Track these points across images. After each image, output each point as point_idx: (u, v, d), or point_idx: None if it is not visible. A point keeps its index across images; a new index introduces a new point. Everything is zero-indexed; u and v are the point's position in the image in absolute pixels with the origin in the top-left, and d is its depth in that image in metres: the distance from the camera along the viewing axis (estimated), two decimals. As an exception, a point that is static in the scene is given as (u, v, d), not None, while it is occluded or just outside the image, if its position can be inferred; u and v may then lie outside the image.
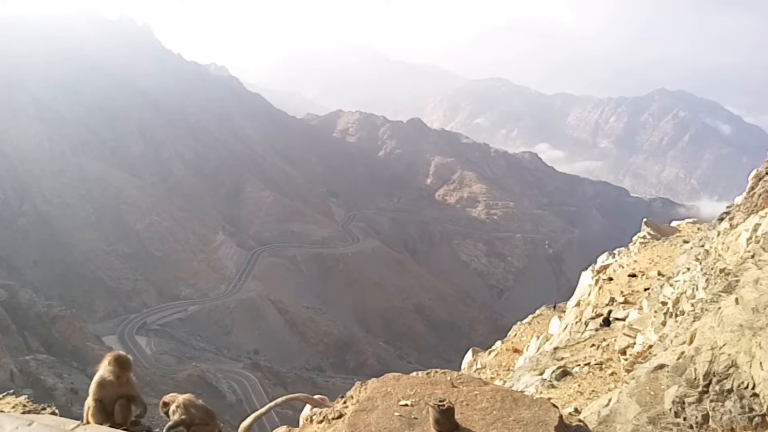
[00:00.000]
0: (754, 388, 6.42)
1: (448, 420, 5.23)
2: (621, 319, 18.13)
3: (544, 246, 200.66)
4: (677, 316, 13.02)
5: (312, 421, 6.30)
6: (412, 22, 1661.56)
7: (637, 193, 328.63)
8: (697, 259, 14.50)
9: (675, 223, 30.77)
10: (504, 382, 18.92)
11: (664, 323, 13.52)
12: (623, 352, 14.55)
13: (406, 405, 5.73)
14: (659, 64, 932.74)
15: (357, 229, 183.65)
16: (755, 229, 11.48)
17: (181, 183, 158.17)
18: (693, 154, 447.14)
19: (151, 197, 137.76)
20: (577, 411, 10.34)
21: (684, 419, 7.11)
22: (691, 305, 12.24)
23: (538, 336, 26.49)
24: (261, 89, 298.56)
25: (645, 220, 30.61)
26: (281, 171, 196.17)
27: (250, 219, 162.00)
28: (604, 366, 15.17)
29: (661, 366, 8.60)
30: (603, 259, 28.61)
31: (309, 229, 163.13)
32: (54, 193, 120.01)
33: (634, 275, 22.73)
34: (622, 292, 21.17)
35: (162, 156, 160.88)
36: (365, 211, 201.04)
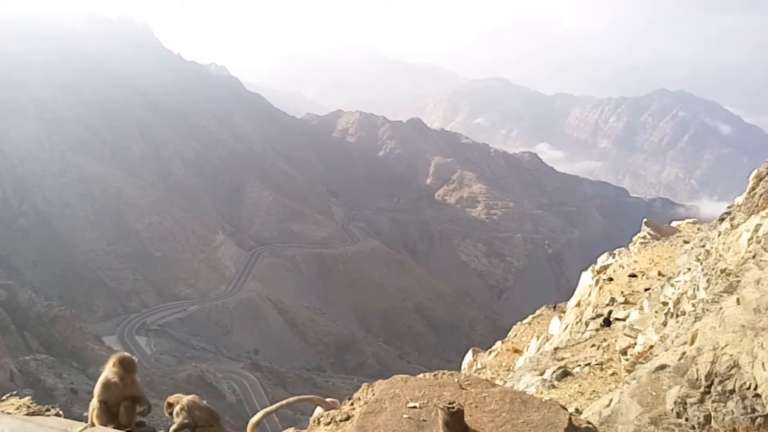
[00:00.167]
0: (756, 388, 6.41)
1: (457, 422, 5.16)
2: (621, 320, 18.12)
3: (543, 246, 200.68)
4: (678, 316, 13.01)
5: (320, 423, 6.26)
6: (412, 22, 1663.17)
7: (637, 194, 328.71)
8: (698, 260, 14.49)
9: (675, 224, 30.75)
10: (504, 382, 18.90)
11: (665, 323, 13.51)
12: (624, 352, 14.54)
13: (414, 407, 5.69)
14: (659, 64, 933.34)
15: (357, 229, 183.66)
16: (756, 230, 11.48)
17: (181, 183, 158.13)
18: (693, 154, 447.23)
19: (151, 197, 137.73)
20: (578, 411, 10.32)
21: (686, 420, 7.10)
22: (692, 305, 12.23)
23: (538, 336, 26.48)
24: (261, 89, 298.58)
25: (645, 220, 30.60)
26: (281, 171, 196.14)
27: (250, 219, 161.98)
28: (604, 366, 15.17)
29: (663, 366, 8.59)
30: (603, 260, 28.60)
31: (309, 229, 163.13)
32: (54, 193, 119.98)
33: (634, 275, 22.72)
34: (622, 292, 21.16)
35: (162, 156, 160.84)
36: (365, 211, 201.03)
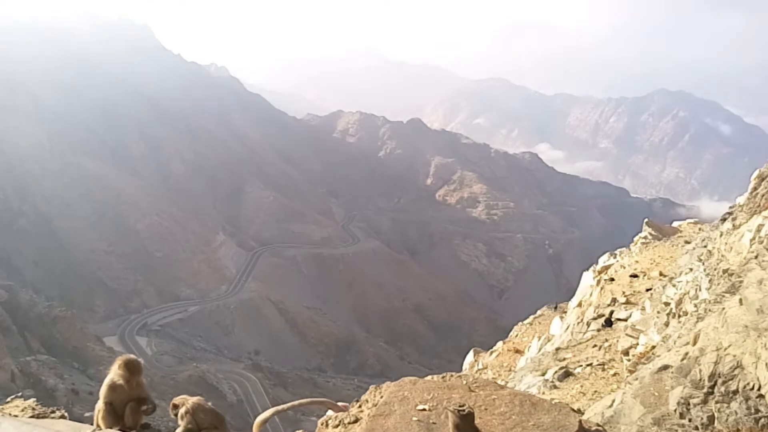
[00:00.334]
0: (759, 389, 6.41)
1: (468, 425, 5.12)
2: (623, 320, 18.09)
3: (544, 246, 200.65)
4: (680, 316, 12.99)
5: (328, 426, 6.24)
6: (411, 23, 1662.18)
7: (638, 194, 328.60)
8: (700, 260, 14.48)
9: (676, 224, 30.69)
10: (506, 382, 18.87)
11: (667, 324, 13.49)
12: (626, 352, 14.52)
13: (424, 410, 5.67)
14: (659, 64, 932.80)
15: (357, 230, 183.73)
16: (759, 230, 11.46)
17: (181, 183, 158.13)
18: (693, 154, 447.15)
19: (151, 197, 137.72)
20: (580, 412, 10.30)
21: (689, 420, 7.09)
22: (695, 306, 12.22)
23: (539, 336, 26.45)
24: (261, 90, 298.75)
25: (646, 220, 30.56)
26: (281, 171, 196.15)
27: (250, 219, 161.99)
28: (606, 367, 15.15)
29: (665, 367, 8.58)
30: (604, 260, 28.56)
31: (309, 230, 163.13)
32: (54, 193, 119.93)
33: (635, 275, 22.68)
34: (623, 292, 21.12)
35: (162, 156, 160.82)
36: (365, 212, 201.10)
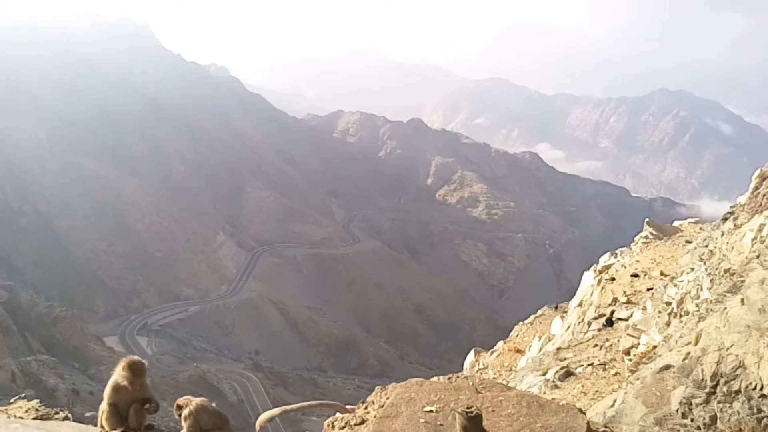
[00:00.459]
0: (762, 389, 6.38)
1: (476, 427, 5.10)
2: (624, 320, 18.07)
3: (544, 246, 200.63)
4: (682, 316, 12.97)
5: (334, 427, 6.23)
6: (411, 23, 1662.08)
7: (638, 193, 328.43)
8: (701, 260, 14.45)
9: (677, 223, 30.65)
10: (507, 382, 18.88)
11: (668, 323, 13.47)
12: (627, 352, 14.50)
13: (431, 411, 5.65)
14: (659, 64, 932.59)
15: (357, 230, 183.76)
16: (760, 229, 11.44)
17: (181, 183, 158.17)
18: (693, 153, 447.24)
19: (151, 197, 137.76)
20: (582, 412, 10.29)
21: (691, 420, 7.07)
22: (696, 305, 12.20)
23: (540, 336, 26.44)
24: (261, 90, 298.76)
25: (647, 219, 30.54)
26: (281, 171, 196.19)
27: (250, 219, 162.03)
28: (607, 366, 15.13)
29: (667, 367, 8.56)
30: (605, 259, 28.53)
31: (309, 230, 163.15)
32: (54, 193, 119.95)
33: (636, 275, 22.65)
34: (624, 292, 21.10)
35: (162, 156, 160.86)
36: (365, 212, 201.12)
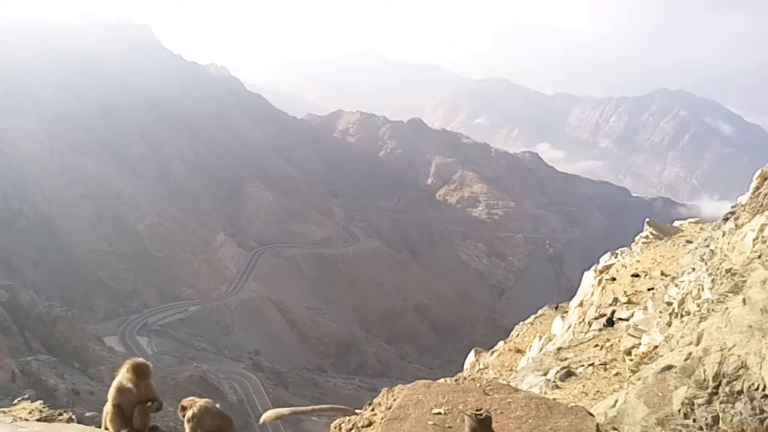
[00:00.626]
0: (765, 389, 6.37)
1: (485, 429, 5.03)
2: (625, 320, 18.07)
3: (544, 246, 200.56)
4: (683, 316, 12.96)
5: (341, 429, 6.19)
6: (411, 23, 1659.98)
7: (638, 193, 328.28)
8: (703, 259, 14.45)
9: (677, 223, 30.67)
10: (508, 382, 18.87)
11: (669, 324, 13.46)
12: (628, 352, 14.49)
13: (439, 413, 5.62)
14: (659, 64, 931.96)
15: (357, 230, 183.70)
16: (762, 230, 11.44)
17: (181, 183, 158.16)
18: (693, 153, 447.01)
19: (151, 197, 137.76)
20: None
21: (693, 421, 7.07)
22: (697, 306, 12.20)
23: (540, 336, 26.43)
24: (261, 90, 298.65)
25: (647, 219, 30.55)
26: (281, 171, 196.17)
27: (250, 219, 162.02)
28: (608, 366, 15.12)
29: (669, 367, 8.56)
30: (606, 259, 28.53)
31: (309, 229, 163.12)
32: (54, 193, 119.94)
33: (637, 275, 22.64)
34: (625, 292, 21.09)
35: (162, 156, 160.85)
36: (365, 211, 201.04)
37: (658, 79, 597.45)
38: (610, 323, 18.90)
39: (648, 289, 19.91)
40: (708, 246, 15.49)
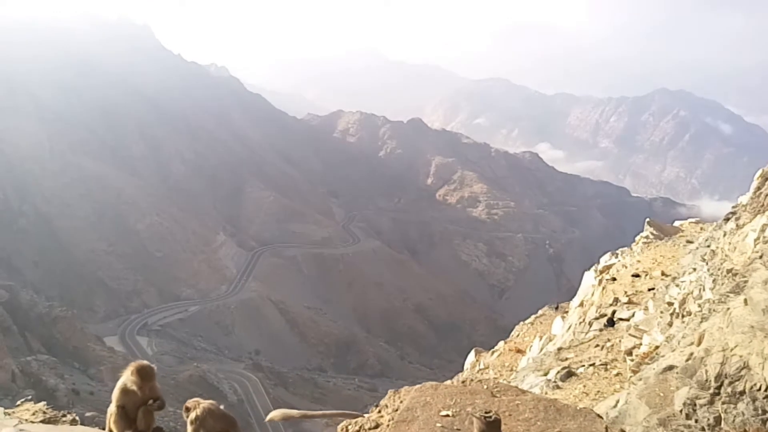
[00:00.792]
0: (767, 390, 6.36)
1: None
2: (626, 320, 18.05)
3: (544, 246, 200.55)
4: (684, 316, 12.95)
5: None
6: (411, 23, 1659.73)
7: (638, 193, 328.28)
8: (704, 260, 14.44)
9: (678, 223, 30.65)
10: (508, 382, 18.85)
11: (670, 324, 13.45)
12: (629, 352, 14.48)
13: (447, 415, 5.61)
14: (659, 64, 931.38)
15: (357, 229, 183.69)
16: (763, 230, 11.43)
17: (181, 183, 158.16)
18: (693, 153, 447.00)
19: (151, 197, 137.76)
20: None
21: (695, 421, 7.06)
22: (698, 306, 12.19)
23: (540, 336, 26.41)
24: (261, 90, 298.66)
25: (648, 219, 30.53)
26: (281, 171, 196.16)
27: (250, 219, 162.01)
28: (609, 366, 15.10)
29: (670, 367, 8.55)
30: (606, 259, 28.51)
31: (309, 229, 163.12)
32: (54, 193, 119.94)
33: (637, 275, 22.62)
34: (626, 292, 21.07)
35: (162, 156, 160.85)
36: (365, 211, 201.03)
37: (658, 79, 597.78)
38: (610, 323, 18.88)
39: (649, 289, 19.89)
40: (709, 246, 15.48)
